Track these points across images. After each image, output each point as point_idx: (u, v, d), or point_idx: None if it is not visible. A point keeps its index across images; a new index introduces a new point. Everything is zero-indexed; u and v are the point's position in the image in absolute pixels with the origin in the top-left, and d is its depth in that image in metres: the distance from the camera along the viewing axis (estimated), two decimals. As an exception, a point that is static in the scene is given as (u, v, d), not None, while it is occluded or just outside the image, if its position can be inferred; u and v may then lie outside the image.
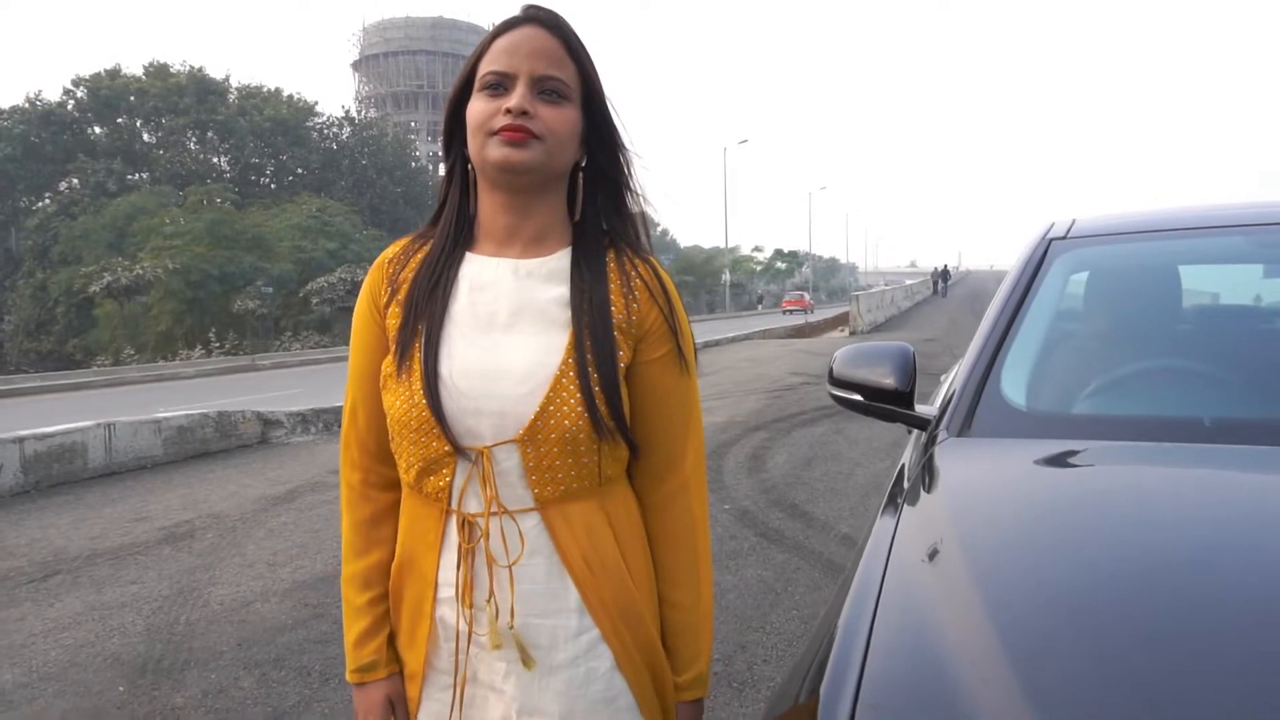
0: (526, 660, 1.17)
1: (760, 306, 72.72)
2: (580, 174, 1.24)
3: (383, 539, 1.27)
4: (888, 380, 1.99)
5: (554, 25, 1.18)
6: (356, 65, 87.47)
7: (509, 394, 1.15)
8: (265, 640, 3.72)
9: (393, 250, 1.28)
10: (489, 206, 1.22)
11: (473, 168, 1.22)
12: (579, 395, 1.15)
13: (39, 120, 44.60)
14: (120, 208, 38.67)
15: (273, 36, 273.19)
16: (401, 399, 1.18)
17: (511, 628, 1.16)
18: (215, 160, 49.97)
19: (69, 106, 46.20)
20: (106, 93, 46.01)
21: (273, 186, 50.89)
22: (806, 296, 58.24)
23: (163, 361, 26.25)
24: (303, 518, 5.80)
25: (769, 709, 1.26)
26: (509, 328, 1.18)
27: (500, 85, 1.15)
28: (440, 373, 1.16)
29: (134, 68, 48.52)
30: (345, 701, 3.09)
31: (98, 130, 47.19)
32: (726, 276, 66.78)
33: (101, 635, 3.83)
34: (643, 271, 1.22)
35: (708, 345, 21.88)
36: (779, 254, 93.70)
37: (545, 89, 1.16)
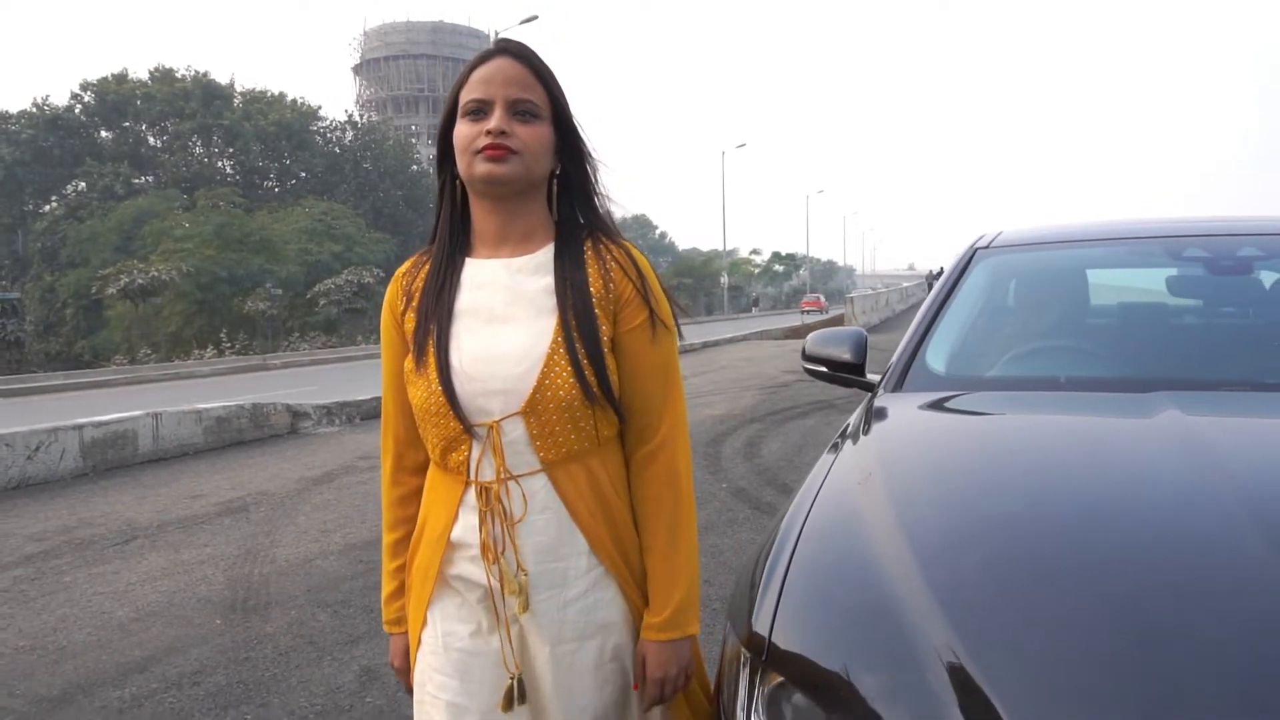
0: (522, 605, 1.33)
1: (756, 309, 73.63)
2: (555, 181, 1.42)
3: (408, 517, 1.47)
4: (845, 355, 2.66)
5: (522, 55, 1.35)
6: (357, 69, 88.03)
7: (510, 373, 1.32)
8: (331, 587, 4.36)
9: (406, 266, 1.47)
10: (479, 215, 1.39)
11: (461, 183, 1.39)
12: (569, 368, 1.31)
13: (46, 124, 45.11)
14: (127, 211, 39.20)
15: (274, 40, 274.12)
16: (421, 390, 1.35)
17: (525, 575, 1.33)
18: (220, 164, 50.58)
19: (76, 111, 46.74)
20: (113, 97, 46.55)
21: (276, 190, 51.49)
22: (821, 299, 68.13)
23: (178, 361, 26.88)
24: (343, 495, 6.44)
25: (732, 593, 1.68)
26: (506, 318, 1.35)
27: (480, 111, 1.32)
28: (451, 363, 1.34)
29: (140, 72, 49.11)
30: (408, 629, 3.74)
31: (104, 134, 47.75)
32: (725, 279, 67.48)
33: (189, 584, 4.47)
34: (616, 254, 1.38)
35: (707, 345, 22.52)
36: (777, 256, 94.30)
37: (519, 110, 1.32)
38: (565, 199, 1.42)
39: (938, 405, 2.15)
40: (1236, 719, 1.02)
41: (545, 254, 1.38)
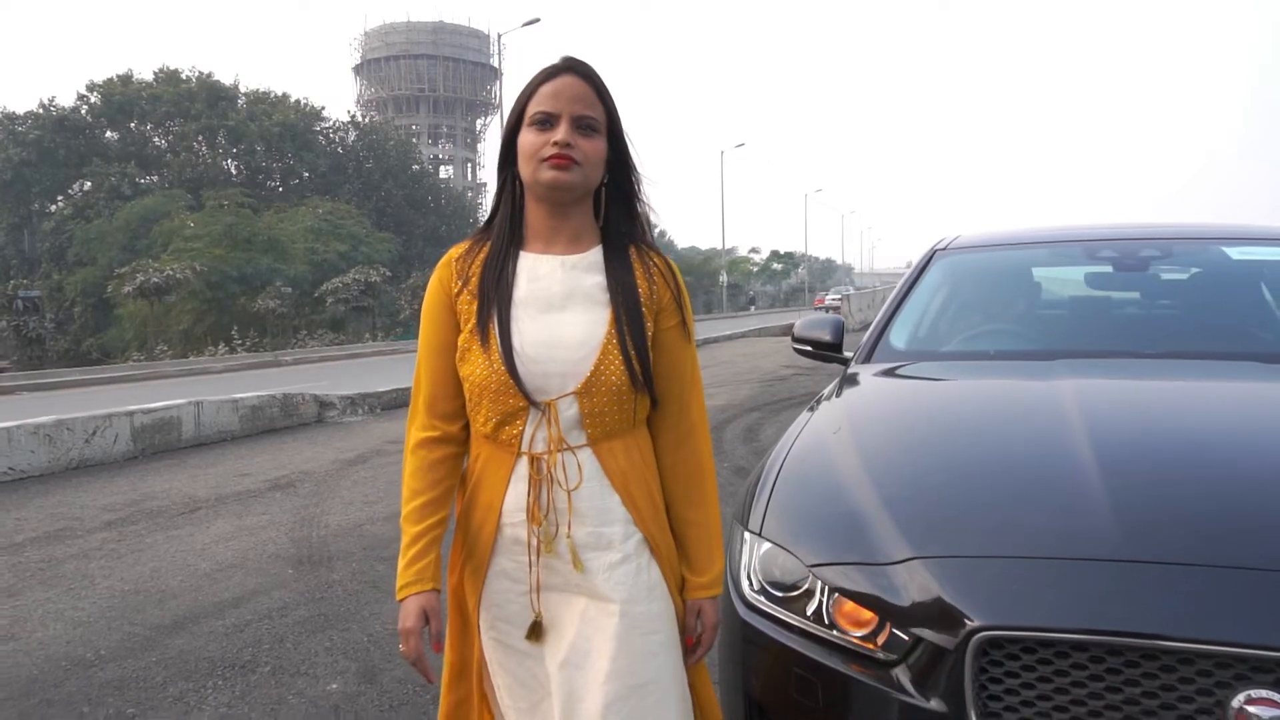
0: (576, 563, 1.48)
1: (753, 308, 74.43)
2: (604, 189, 1.56)
3: (438, 481, 1.55)
4: (827, 337, 3.29)
5: (586, 75, 1.49)
6: (358, 69, 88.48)
7: (568, 358, 1.47)
8: (383, 545, 4.99)
9: (458, 251, 1.59)
10: (536, 215, 1.53)
11: (520, 184, 1.52)
12: (621, 357, 1.47)
13: (53, 125, 45.58)
14: (133, 210, 39.69)
15: (275, 41, 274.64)
16: (482, 367, 1.47)
17: (569, 537, 1.48)
18: (225, 164, 51.10)
19: (82, 111, 47.25)
20: (119, 98, 47.04)
21: (280, 190, 52.02)
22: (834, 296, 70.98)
23: (192, 357, 27.50)
24: (379, 473, 7.07)
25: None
26: (563, 308, 1.49)
27: (547, 122, 1.46)
28: (514, 345, 1.46)
29: (145, 74, 49.67)
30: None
31: (110, 135, 48.26)
32: (724, 277, 68.16)
33: (257, 545, 5.10)
34: (657, 261, 1.56)
35: (707, 342, 23.13)
36: (775, 255, 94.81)
37: (582, 125, 1.46)
38: (611, 206, 1.58)
39: (893, 372, 2.79)
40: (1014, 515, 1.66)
41: (595, 254, 1.54)
